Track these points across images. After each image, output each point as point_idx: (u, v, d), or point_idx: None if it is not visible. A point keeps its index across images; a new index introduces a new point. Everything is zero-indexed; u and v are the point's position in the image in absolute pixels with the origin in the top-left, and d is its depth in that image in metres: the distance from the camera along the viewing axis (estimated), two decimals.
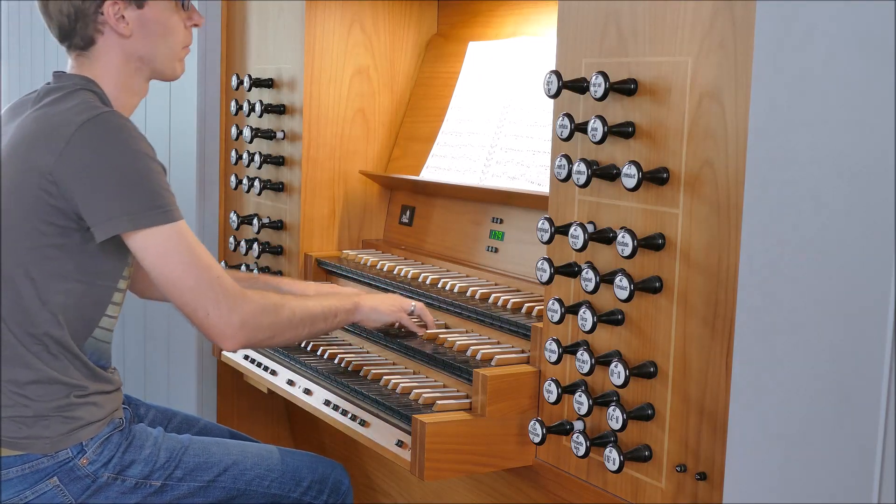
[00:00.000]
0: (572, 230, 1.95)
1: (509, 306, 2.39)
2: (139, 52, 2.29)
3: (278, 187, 3.18)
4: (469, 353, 2.33)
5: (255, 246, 3.23)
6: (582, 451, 1.96)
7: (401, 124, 3.22)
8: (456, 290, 2.58)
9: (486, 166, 2.77)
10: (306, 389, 2.61)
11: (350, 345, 2.74)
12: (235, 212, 3.37)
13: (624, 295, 1.86)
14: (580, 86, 1.97)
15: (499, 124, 2.80)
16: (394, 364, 2.54)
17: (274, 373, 2.77)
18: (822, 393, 1.40)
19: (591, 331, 1.94)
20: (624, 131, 1.91)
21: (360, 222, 3.20)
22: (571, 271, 2.00)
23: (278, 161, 3.18)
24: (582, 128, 1.95)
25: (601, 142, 1.91)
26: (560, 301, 2.01)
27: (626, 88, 1.90)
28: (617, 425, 1.89)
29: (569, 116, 1.97)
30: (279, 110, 3.17)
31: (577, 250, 1.95)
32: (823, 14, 1.39)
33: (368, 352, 2.66)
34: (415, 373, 2.47)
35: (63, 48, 2.32)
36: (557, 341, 2.03)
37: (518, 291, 2.50)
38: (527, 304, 2.37)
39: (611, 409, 1.90)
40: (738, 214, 1.71)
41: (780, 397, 1.45)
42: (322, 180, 3.13)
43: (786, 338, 1.44)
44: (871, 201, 1.33)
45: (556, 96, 2.02)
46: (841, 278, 1.37)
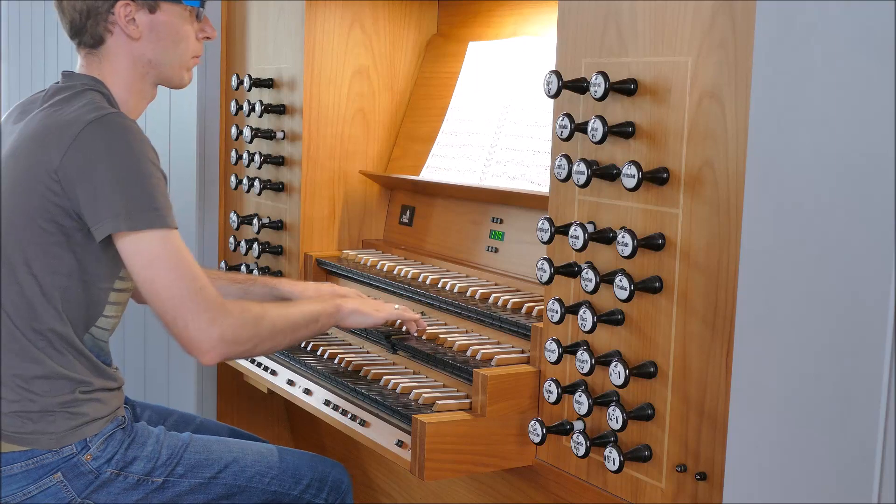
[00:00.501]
0: (572, 230, 1.95)
1: (509, 306, 2.39)
2: (148, 56, 2.30)
3: (278, 187, 3.18)
4: (469, 353, 2.33)
5: (255, 246, 3.23)
6: (582, 451, 1.96)
7: (401, 124, 3.22)
8: (456, 290, 2.58)
9: (486, 166, 2.77)
10: (306, 389, 2.61)
11: (350, 345, 2.74)
12: (235, 212, 3.37)
13: (624, 295, 1.86)
14: (580, 86, 1.97)
15: (499, 124, 2.80)
16: (394, 364, 2.54)
17: (274, 373, 2.78)
18: (822, 393, 1.39)
19: (591, 331, 1.94)
20: (624, 131, 1.91)
21: (360, 222, 3.20)
22: (571, 271, 2.00)
23: (278, 161, 3.18)
24: (582, 128, 1.95)
25: (601, 142, 1.91)
26: (560, 301, 2.01)
27: (626, 88, 1.90)
28: (617, 425, 1.89)
29: (569, 116, 1.97)
30: (279, 110, 3.17)
31: (577, 250, 1.95)
32: (823, 14, 1.39)
33: (368, 352, 2.66)
34: (415, 373, 2.47)
35: (67, 50, 2.33)
36: (557, 341, 2.03)
37: (518, 291, 2.50)
38: (527, 304, 2.37)
39: (611, 409, 1.90)
40: (738, 214, 1.71)
41: (780, 397, 1.45)
42: (322, 180, 3.13)
43: (786, 337, 1.44)
44: (871, 201, 1.33)
45: (556, 96, 2.02)
46: (841, 278, 1.37)
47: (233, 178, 3.39)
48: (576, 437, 1.97)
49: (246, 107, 3.26)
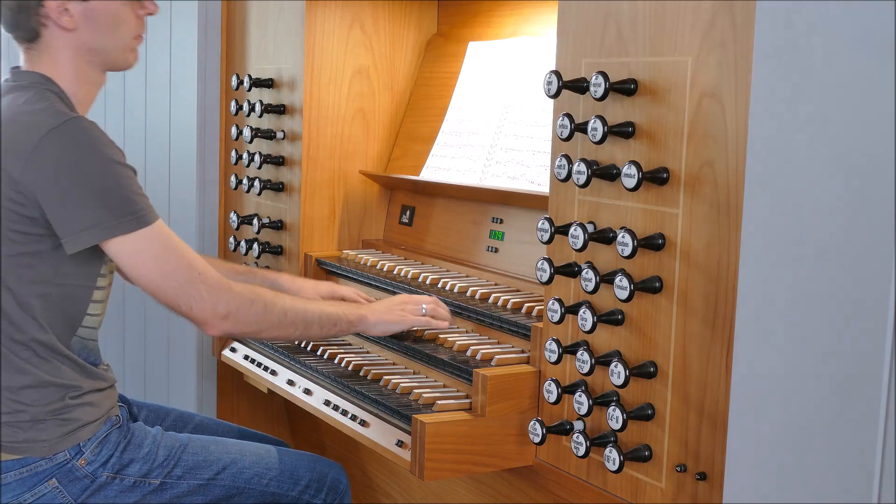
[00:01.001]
0: (572, 230, 1.95)
1: (509, 306, 2.39)
2: (88, 45, 2.24)
3: (278, 187, 3.18)
4: (469, 353, 2.33)
5: (255, 246, 3.23)
6: (582, 451, 1.96)
7: (401, 124, 3.22)
8: (456, 290, 2.58)
9: (486, 166, 2.77)
10: (306, 389, 2.61)
11: (350, 345, 2.74)
12: (235, 212, 3.37)
13: (624, 295, 1.86)
14: (580, 86, 1.97)
15: (499, 124, 2.80)
16: (394, 364, 2.54)
17: (274, 373, 2.77)
18: (822, 393, 1.39)
19: (591, 331, 1.94)
20: (624, 131, 1.91)
21: (360, 222, 3.20)
22: (571, 271, 2.00)
23: (278, 161, 3.18)
24: (582, 128, 1.95)
25: (601, 142, 1.91)
26: (560, 301, 2.01)
27: (626, 88, 1.90)
28: (617, 425, 1.89)
29: (569, 116, 1.97)
30: (279, 110, 3.17)
31: (577, 250, 1.95)
32: (823, 14, 1.39)
33: (368, 352, 2.66)
34: (415, 373, 2.47)
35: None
36: (557, 341, 2.03)
37: (518, 291, 2.50)
38: (527, 304, 2.37)
39: (611, 409, 1.90)
40: (738, 214, 1.71)
41: (780, 397, 1.45)
42: (322, 180, 3.13)
43: (786, 338, 1.44)
44: (871, 201, 1.33)
45: (556, 96, 2.02)
46: (841, 278, 1.37)
47: (233, 178, 3.39)
48: (576, 437, 1.97)
49: (246, 107, 3.26)
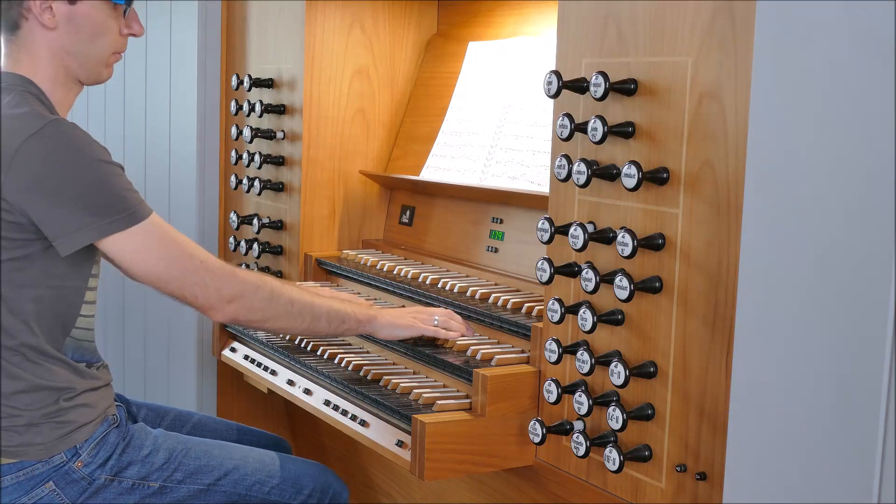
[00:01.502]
0: (572, 230, 1.95)
1: (509, 306, 2.39)
2: (66, 48, 2.21)
3: (278, 187, 3.18)
4: (469, 353, 2.33)
5: (255, 246, 3.23)
6: (582, 451, 1.96)
7: (401, 124, 3.22)
8: (456, 290, 2.58)
9: (486, 166, 2.77)
10: (306, 389, 2.60)
11: (350, 345, 2.74)
12: (235, 212, 3.37)
13: (624, 295, 1.86)
14: (580, 86, 1.97)
15: (499, 124, 2.80)
16: (394, 364, 2.54)
17: (274, 373, 2.77)
18: (822, 393, 1.39)
19: (591, 331, 1.94)
20: (624, 131, 1.91)
21: (360, 222, 3.20)
22: (571, 271, 2.00)
23: (278, 161, 3.18)
24: (582, 128, 1.95)
25: (601, 142, 1.91)
26: (560, 301, 2.01)
27: (626, 88, 1.90)
28: (617, 425, 1.89)
29: (569, 116, 1.97)
30: (279, 110, 3.17)
31: (577, 250, 1.95)
32: (823, 14, 1.39)
33: (369, 352, 2.66)
34: (415, 373, 2.47)
35: None
36: (557, 341, 2.03)
37: (518, 291, 2.50)
38: (527, 304, 2.37)
39: (611, 409, 1.90)
40: (738, 214, 1.71)
41: (780, 397, 1.45)
42: (322, 180, 3.13)
43: (786, 338, 1.44)
44: (871, 201, 1.33)
45: (556, 96, 2.02)
46: (841, 278, 1.37)
47: (233, 178, 3.39)
48: (576, 437, 1.97)
49: (246, 107, 3.26)
